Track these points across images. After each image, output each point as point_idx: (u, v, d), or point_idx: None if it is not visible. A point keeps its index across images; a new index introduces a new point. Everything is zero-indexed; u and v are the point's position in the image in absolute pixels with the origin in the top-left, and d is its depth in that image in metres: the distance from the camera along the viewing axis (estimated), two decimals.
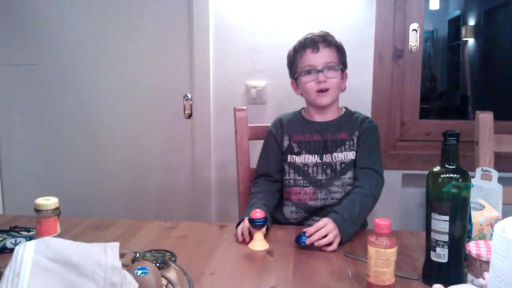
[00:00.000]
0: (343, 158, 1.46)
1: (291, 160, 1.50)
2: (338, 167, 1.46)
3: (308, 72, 1.47)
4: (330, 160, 1.46)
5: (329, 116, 1.52)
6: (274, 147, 1.54)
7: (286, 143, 1.52)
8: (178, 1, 2.11)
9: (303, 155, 1.48)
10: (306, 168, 1.48)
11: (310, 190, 1.46)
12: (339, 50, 1.51)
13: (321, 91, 1.45)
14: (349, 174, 1.45)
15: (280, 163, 1.54)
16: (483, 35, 4.12)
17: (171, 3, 2.12)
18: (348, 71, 1.56)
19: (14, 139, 2.33)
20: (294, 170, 1.49)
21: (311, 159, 1.47)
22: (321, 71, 1.44)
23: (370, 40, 2.01)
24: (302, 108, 1.60)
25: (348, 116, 1.53)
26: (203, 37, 2.06)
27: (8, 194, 2.36)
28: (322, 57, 1.45)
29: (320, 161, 1.47)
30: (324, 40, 1.47)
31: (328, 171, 1.46)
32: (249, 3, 2.04)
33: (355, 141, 1.47)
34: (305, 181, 1.47)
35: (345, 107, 1.57)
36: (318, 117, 1.52)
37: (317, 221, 1.26)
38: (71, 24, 2.21)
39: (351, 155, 1.46)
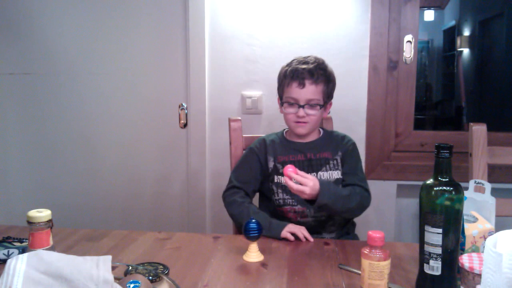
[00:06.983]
0: (328, 177, 1.49)
1: (278, 180, 1.51)
2: None
3: (291, 104, 1.48)
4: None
5: (310, 138, 1.55)
6: (256, 167, 1.54)
7: (271, 164, 1.53)
8: (174, 11, 2.12)
9: None
10: None
11: (299, 209, 1.49)
12: (327, 82, 1.49)
13: (299, 121, 1.48)
14: None
15: (258, 184, 1.55)
16: (478, 46, 4.15)
17: (167, 13, 2.13)
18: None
19: (8, 148, 2.32)
20: (282, 189, 1.50)
21: None
22: (303, 106, 1.46)
23: (365, 51, 2.02)
24: (284, 129, 1.62)
25: (328, 136, 1.57)
26: (199, 47, 2.07)
27: (2, 203, 2.34)
28: (306, 93, 1.46)
29: None
30: (311, 76, 1.45)
31: None
32: (245, 14, 2.05)
33: (338, 161, 1.52)
34: (293, 200, 1.49)
35: (322, 128, 1.60)
36: (298, 139, 1.55)
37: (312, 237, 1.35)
38: (66, 33, 2.21)
39: (335, 174, 1.51)
